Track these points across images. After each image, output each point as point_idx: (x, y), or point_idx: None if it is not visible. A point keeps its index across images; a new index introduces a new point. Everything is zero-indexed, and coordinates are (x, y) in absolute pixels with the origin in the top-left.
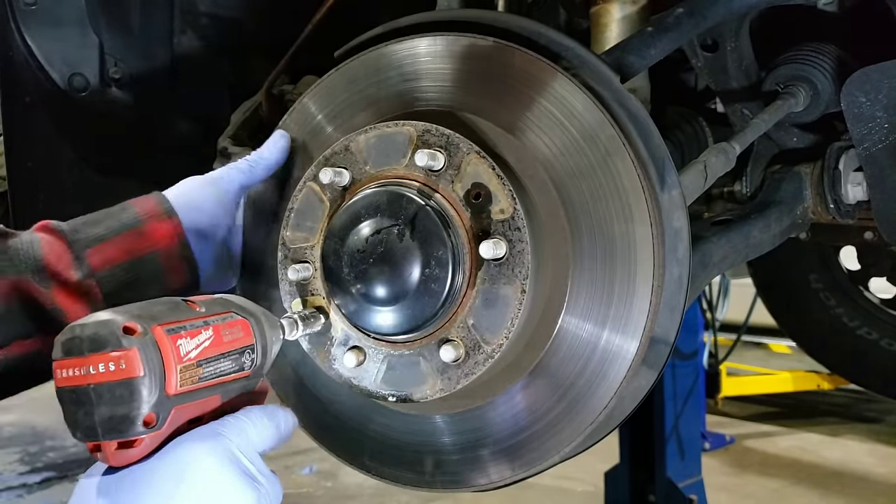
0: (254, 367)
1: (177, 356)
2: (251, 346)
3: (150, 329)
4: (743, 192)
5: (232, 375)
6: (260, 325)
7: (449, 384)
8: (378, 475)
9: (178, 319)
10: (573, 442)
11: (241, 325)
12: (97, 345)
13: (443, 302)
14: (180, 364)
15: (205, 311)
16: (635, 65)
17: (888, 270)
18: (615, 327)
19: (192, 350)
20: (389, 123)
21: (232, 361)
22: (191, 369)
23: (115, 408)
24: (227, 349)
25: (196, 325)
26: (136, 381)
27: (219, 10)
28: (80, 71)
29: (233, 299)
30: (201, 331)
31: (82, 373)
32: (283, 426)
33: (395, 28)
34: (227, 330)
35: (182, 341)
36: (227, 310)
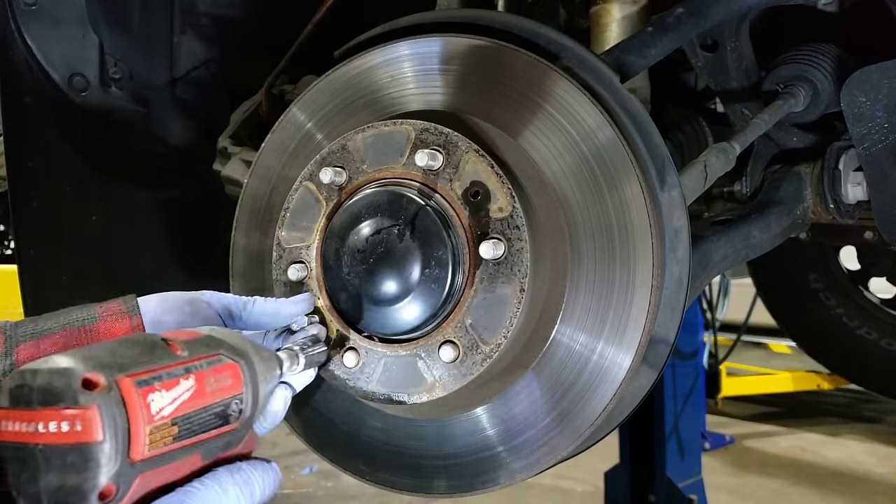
0: (241, 418)
1: (147, 415)
2: (239, 395)
3: (116, 382)
4: (743, 192)
5: (215, 431)
6: (251, 369)
7: (446, 385)
8: (373, 480)
9: (152, 368)
10: (573, 443)
11: (230, 370)
12: (50, 398)
13: (442, 302)
14: (150, 425)
15: (187, 354)
16: (635, 65)
17: (888, 270)
18: (615, 327)
19: (168, 405)
20: (387, 122)
21: (215, 415)
22: (163, 429)
23: (66, 476)
24: (211, 401)
25: (174, 373)
26: (92, 448)
27: (219, 10)
28: (80, 71)
29: (222, 336)
30: (180, 380)
31: (29, 429)
32: (258, 491)
33: (395, 28)
34: (213, 378)
35: (155, 395)
36: (214, 352)
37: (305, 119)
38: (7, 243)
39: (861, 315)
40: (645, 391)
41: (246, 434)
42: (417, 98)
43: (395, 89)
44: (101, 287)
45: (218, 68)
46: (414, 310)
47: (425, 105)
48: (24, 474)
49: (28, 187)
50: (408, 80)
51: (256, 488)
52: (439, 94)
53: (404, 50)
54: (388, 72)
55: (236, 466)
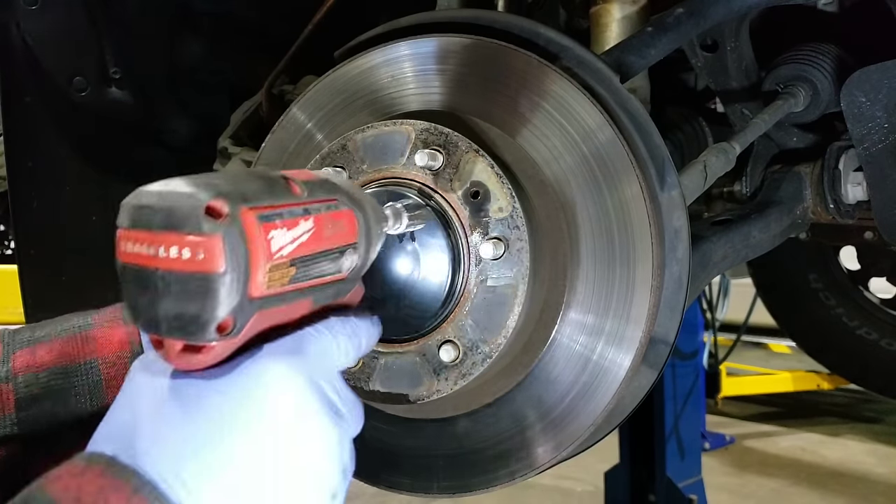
0: (353, 269)
1: (267, 252)
2: (354, 244)
3: (240, 213)
4: (743, 192)
5: (328, 278)
6: (366, 219)
7: (446, 385)
8: (373, 480)
9: (274, 204)
10: (573, 443)
11: (347, 217)
12: (173, 221)
13: (442, 302)
14: (271, 262)
15: (306, 195)
16: (635, 65)
17: (888, 270)
18: (614, 327)
19: (287, 245)
20: (388, 122)
21: (331, 261)
22: (282, 268)
23: (186, 304)
24: (328, 247)
25: (295, 212)
26: (214, 278)
27: (219, 10)
28: (80, 71)
29: (340, 182)
30: (300, 221)
31: (150, 252)
32: (364, 344)
33: (396, 28)
34: (331, 223)
35: (276, 233)
36: (332, 196)
37: (305, 119)
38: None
39: (861, 315)
40: (645, 391)
41: (354, 286)
42: (417, 98)
43: (395, 89)
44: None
45: (218, 68)
46: (413, 310)
47: (425, 105)
48: (143, 298)
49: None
50: (408, 80)
51: (363, 340)
52: (439, 94)
53: (404, 50)
54: (388, 72)
55: (346, 316)
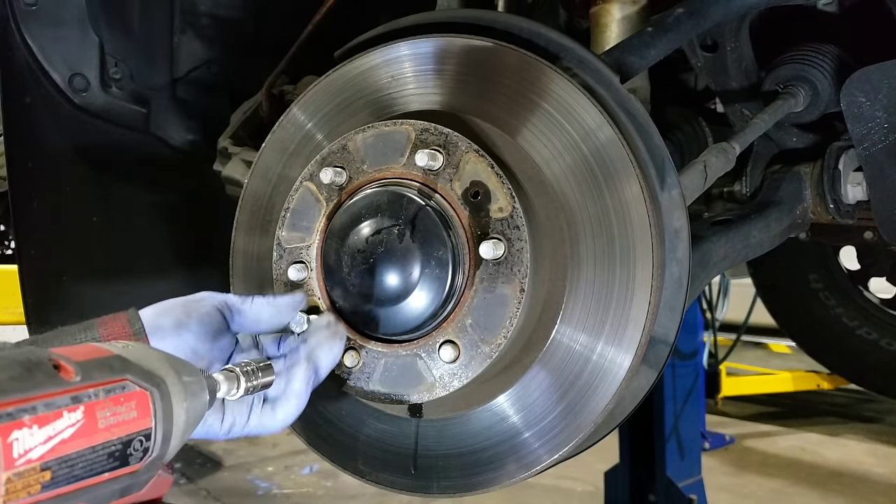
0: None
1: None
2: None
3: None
4: (743, 192)
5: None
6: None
7: (447, 385)
8: (373, 480)
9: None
10: (572, 443)
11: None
12: None
13: (442, 302)
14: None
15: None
16: (635, 65)
17: (888, 270)
18: (614, 327)
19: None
20: (388, 122)
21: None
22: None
23: None
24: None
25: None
26: None
27: (219, 10)
28: (80, 71)
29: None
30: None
31: None
32: None
33: (396, 28)
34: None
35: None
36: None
37: (306, 119)
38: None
39: (861, 315)
40: (645, 391)
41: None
42: (417, 98)
43: (395, 89)
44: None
45: (218, 68)
46: (414, 310)
47: (425, 105)
48: None
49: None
50: (408, 80)
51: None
52: (439, 94)
53: (404, 50)
54: (388, 72)
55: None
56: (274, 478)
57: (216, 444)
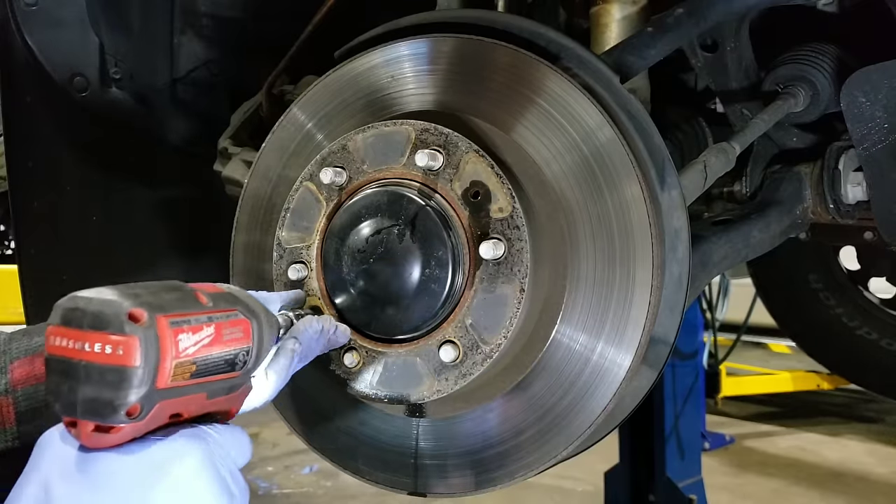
0: (244, 368)
1: (175, 351)
2: (248, 348)
3: (155, 319)
4: (743, 192)
5: (222, 375)
6: (260, 328)
7: (446, 385)
8: (373, 480)
9: (184, 312)
10: (573, 443)
11: (243, 325)
12: (99, 323)
13: (442, 302)
14: (177, 360)
15: (211, 305)
16: (635, 65)
17: (888, 270)
18: (615, 327)
19: (191, 346)
20: (388, 122)
21: (225, 362)
22: (185, 365)
23: (102, 391)
24: (224, 349)
25: (200, 320)
26: (129, 370)
27: (219, 10)
28: (80, 71)
29: (239, 295)
30: (203, 327)
31: (77, 347)
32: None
33: (396, 28)
34: (229, 329)
35: (183, 336)
36: (232, 307)
37: (306, 119)
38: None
39: (861, 315)
40: (645, 391)
41: (245, 383)
42: (417, 98)
43: (395, 89)
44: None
45: (218, 68)
46: (414, 310)
47: (425, 105)
48: (65, 385)
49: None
50: (408, 80)
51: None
52: (439, 94)
53: (404, 50)
54: (388, 72)
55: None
56: (274, 478)
57: None
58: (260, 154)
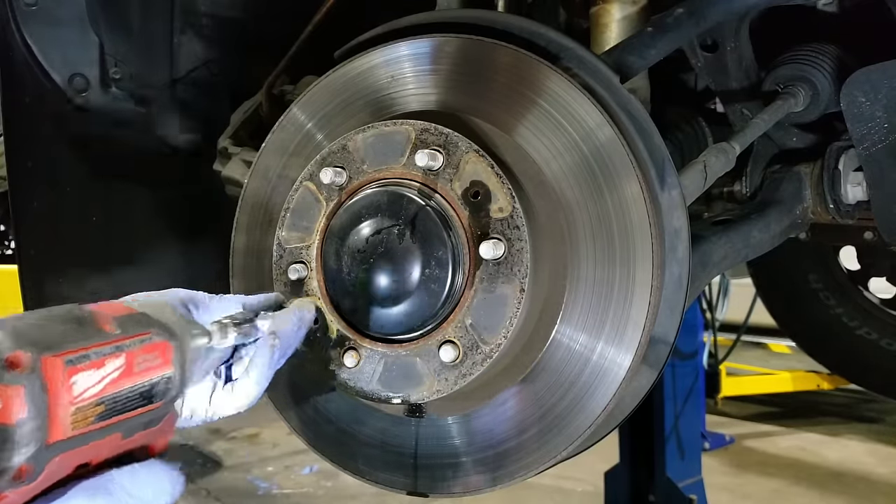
0: (166, 397)
1: (69, 396)
2: (168, 374)
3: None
4: (743, 192)
5: (138, 410)
6: (182, 348)
7: (446, 385)
8: (373, 480)
9: (82, 346)
10: (573, 443)
11: (161, 349)
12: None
13: (442, 302)
14: (74, 406)
15: (119, 332)
16: (635, 65)
17: (888, 270)
18: (615, 327)
19: (94, 385)
20: (388, 122)
21: (140, 395)
22: (87, 409)
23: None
24: (138, 380)
25: (102, 352)
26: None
27: (219, 10)
28: (80, 71)
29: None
30: (107, 360)
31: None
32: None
33: (395, 28)
34: (142, 357)
35: (81, 376)
36: (145, 330)
37: (306, 119)
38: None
39: (861, 315)
40: (645, 391)
41: (168, 413)
42: (417, 98)
43: (395, 89)
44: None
45: (218, 68)
46: (414, 310)
47: (425, 105)
48: None
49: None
50: (408, 80)
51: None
52: (439, 94)
53: (404, 50)
54: (388, 72)
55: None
56: (274, 478)
57: (216, 443)
58: (260, 154)
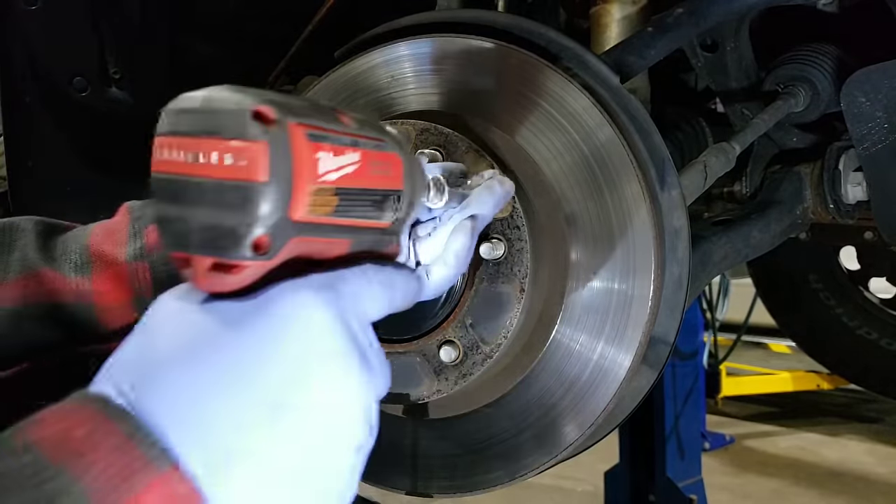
0: (395, 219)
1: (314, 171)
2: (399, 192)
3: (288, 124)
4: (743, 192)
5: (370, 221)
6: (413, 170)
7: (446, 385)
8: (373, 480)
9: (323, 126)
10: (572, 444)
11: (393, 161)
12: (216, 126)
13: (442, 302)
14: (315, 184)
15: (356, 127)
16: (635, 65)
17: (888, 270)
18: (614, 328)
19: (333, 171)
20: (387, 122)
21: (373, 204)
22: (326, 195)
23: (222, 215)
24: (372, 185)
25: (343, 140)
26: (256, 187)
27: (219, 10)
28: (80, 71)
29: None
30: (347, 150)
31: (188, 159)
32: (399, 298)
33: (396, 28)
34: (377, 162)
35: (323, 154)
36: (380, 137)
37: None
38: None
39: (861, 315)
40: (645, 391)
41: (394, 241)
42: (417, 98)
43: (395, 89)
44: None
45: (218, 68)
46: (414, 310)
47: (425, 105)
48: (173, 209)
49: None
50: (408, 80)
51: (398, 294)
52: (439, 94)
53: (404, 50)
54: (388, 72)
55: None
56: None
57: None
58: None
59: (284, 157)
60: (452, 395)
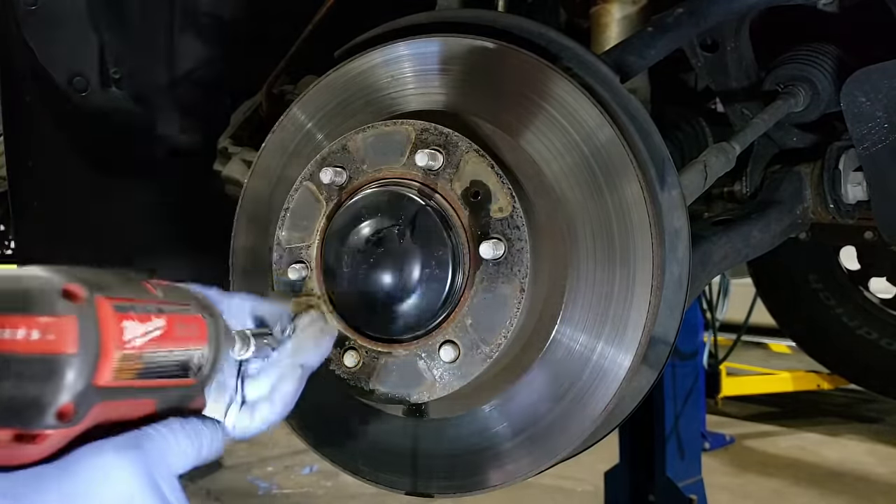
0: (200, 375)
1: (118, 339)
2: (202, 350)
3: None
4: (743, 192)
5: (175, 381)
6: (217, 329)
7: (447, 385)
8: (373, 480)
9: (129, 297)
10: (572, 444)
11: (198, 322)
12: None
13: (443, 302)
14: (121, 350)
15: (161, 295)
16: (635, 65)
17: (888, 270)
18: (615, 327)
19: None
20: (388, 122)
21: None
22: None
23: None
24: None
25: (148, 308)
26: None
27: (219, 10)
28: (80, 71)
29: (194, 292)
30: (153, 317)
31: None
32: (205, 448)
33: (395, 28)
34: (182, 324)
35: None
36: (185, 301)
37: (306, 119)
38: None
39: (861, 315)
40: (645, 391)
41: (198, 395)
42: (417, 98)
43: (395, 89)
44: None
45: (218, 68)
46: (414, 310)
47: (425, 105)
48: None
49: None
50: (408, 80)
51: (204, 444)
52: (439, 94)
53: (404, 50)
54: (388, 72)
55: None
56: (274, 478)
57: None
58: (260, 154)
59: (92, 329)
60: (452, 395)
